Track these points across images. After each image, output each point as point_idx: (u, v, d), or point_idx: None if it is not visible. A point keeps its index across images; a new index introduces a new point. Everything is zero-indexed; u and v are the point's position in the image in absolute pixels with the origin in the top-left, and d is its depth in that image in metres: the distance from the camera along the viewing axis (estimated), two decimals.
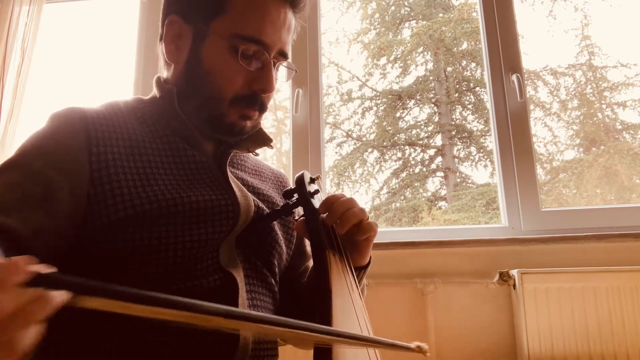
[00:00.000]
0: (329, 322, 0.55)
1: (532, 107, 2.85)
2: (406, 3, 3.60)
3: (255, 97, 0.75)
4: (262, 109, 0.77)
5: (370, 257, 0.78)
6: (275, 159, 2.98)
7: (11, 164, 0.63)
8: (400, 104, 3.33)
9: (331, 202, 0.72)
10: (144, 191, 0.65)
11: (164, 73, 0.81)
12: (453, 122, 3.33)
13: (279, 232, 0.79)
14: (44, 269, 0.31)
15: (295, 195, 0.78)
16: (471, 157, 3.31)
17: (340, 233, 0.72)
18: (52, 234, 0.60)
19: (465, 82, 3.35)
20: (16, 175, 0.61)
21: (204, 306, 0.33)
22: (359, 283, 0.76)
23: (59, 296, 0.31)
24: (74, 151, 0.64)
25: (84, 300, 0.30)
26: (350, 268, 0.71)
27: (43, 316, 0.31)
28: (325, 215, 0.72)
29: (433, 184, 3.35)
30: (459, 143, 3.32)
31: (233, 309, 0.35)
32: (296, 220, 0.78)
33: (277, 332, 0.35)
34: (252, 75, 0.73)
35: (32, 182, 0.61)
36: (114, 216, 0.62)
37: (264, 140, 0.83)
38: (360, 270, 0.77)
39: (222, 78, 0.73)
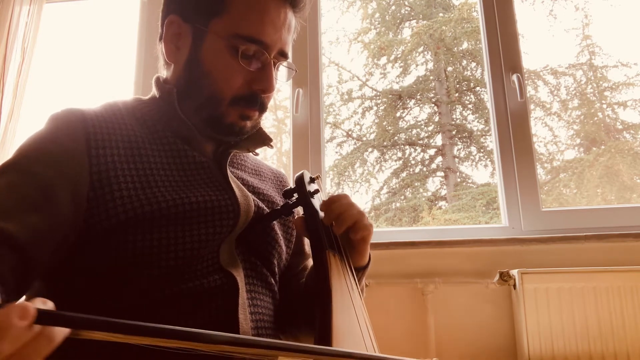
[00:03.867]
0: (329, 322, 0.55)
1: (532, 106, 2.84)
2: (406, 3, 3.60)
3: (255, 97, 0.74)
4: (262, 109, 0.77)
5: (370, 258, 0.78)
6: (276, 158, 2.98)
7: (10, 166, 0.63)
8: (401, 103, 3.32)
9: (330, 203, 0.72)
10: (144, 193, 0.65)
11: (164, 73, 0.81)
12: (453, 122, 3.32)
13: (278, 231, 0.79)
14: (42, 305, 0.32)
15: (295, 195, 0.78)
16: (471, 157, 3.31)
17: (336, 233, 0.72)
18: (52, 238, 0.60)
19: (466, 82, 3.35)
20: (15, 177, 0.61)
21: (206, 335, 0.34)
22: (358, 284, 0.76)
23: (59, 333, 0.32)
24: (74, 154, 0.64)
25: (84, 334, 0.31)
26: (350, 268, 0.71)
27: (45, 354, 0.32)
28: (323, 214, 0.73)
29: (433, 183, 3.35)
30: (459, 143, 3.32)
31: (238, 336, 0.35)
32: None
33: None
34: (252, 75, 0.73)
35: (31, 185, 0.60)
36: (115, 219, 0.62)
37: (263, 140, 0.82)
38: (359, 271, 0.77)
39: (221, 78, 0.73)
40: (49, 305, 0.33)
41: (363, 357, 0.45)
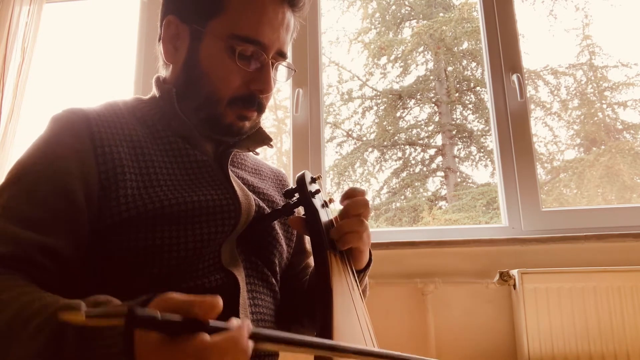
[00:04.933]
0: (329, 321, 0.55)
1: (532, 106, 2.84)
2: (407, 2, 3.60)
3: (253, 98, 0.74)
4: (261, 109, 0.77)
5: (371, 259, 0.78)
6: (276, 158, 2.98)
7: (22, 173, 0.63)
8: (401, 103, 3.32)
9: (349, 197, 0.72)
10: (147, 192, 0.65)
11: (163, 73, 0.81)
12: (453, 122, 3.32)
13: (279, 231, 0.79)
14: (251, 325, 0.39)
15: (296, 195, 0.78)
16: (471, 157, 3.31)
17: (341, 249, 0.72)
18: (81, 244, 0.62)
19: (466, 82, 3.35)
20: (32, 185, 0.62)
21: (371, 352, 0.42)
22: (360, 284, 0.76)
23: (252, 346, 0.39)
24: (81, 154, 0.64)
25: (265, 345, 0.39)
26: (350, 268, 0.71)
27: None
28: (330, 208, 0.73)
29: (433, 183, 3.35)
30: (459, 143, 3.32)
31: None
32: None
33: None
34: (250, 75, 0.73)
35: (52, 191, 0.61)
36: (117, 217, 0.62)
37: (263, 139, 0.82)
38: (359, 273, 0.77)
39: (219, 79, 0.73)
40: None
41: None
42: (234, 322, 0.39)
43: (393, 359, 0.45)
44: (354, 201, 0.71)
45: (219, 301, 0.39)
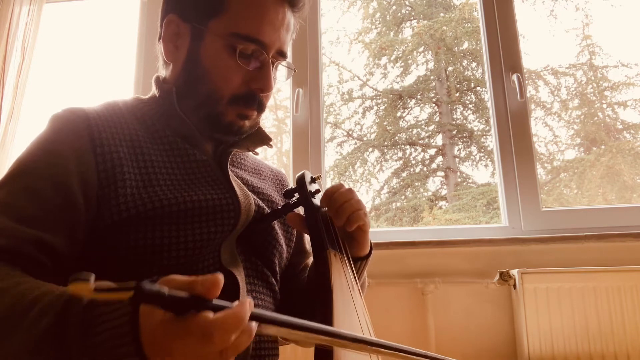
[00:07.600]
0: (329, 321, 0.55)
1: (532, 106, 2.84)
2: (407, 2, 3.60)
3: (254, 97, 0.75)
4: (261, 108, 0.77)
5: (372, 248, 0.79)
6: (276, 158, 2.98)
7: (22, 171, 0.63)
8: (401, 103, 3.32)
9: (331, 194, 0.73)
10: (146, 192, 0.65)
11: (163, 72, 0.82)
12: (454, 122, 3.32)
13: (279, 231, 0.79)
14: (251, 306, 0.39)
15: (296, 195, 0.78)
16: (472, 157, 3.31)
17: (338, 225, 0.73)
18: (77, 241, 0.62)
19: (466, 82, 3.34)
20: (31, 183, 0.62)
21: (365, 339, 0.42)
22: (360, 275, 0.76)
23: (255, 328, 0.39)
24: (81, 153, 0.64)
25: (268, 329, 0.40)
26: (350, 266, 0.71)
27: (246, 346, 0.39)
28: (325, 209, 0.74)
29: (434, 183, 3.35)
30: (459, 143, 3.31)
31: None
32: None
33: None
34: (251, 74, 0.74)
35: (50, 189, 0.61)
36: (117, 217, 0.62)
37: (263, 139, 0.83)
38: (362, 260, 0.77)
39: (220, 77, 0.73)
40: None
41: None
42: (237, 302, 0.39)
43: (390, 349, 0.45)
44: (340, 193, 0.73)
45: (220, 279, 0.38)
